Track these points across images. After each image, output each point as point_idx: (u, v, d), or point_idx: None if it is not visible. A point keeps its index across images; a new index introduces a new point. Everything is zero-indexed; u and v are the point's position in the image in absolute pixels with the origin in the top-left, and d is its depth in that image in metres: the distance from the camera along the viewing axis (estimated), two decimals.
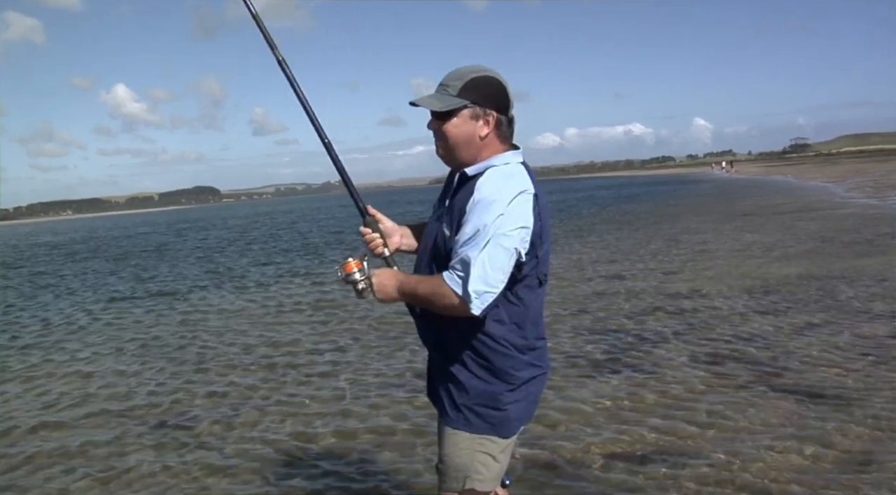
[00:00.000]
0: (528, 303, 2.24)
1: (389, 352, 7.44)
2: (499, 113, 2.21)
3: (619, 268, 12.32)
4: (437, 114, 2.22)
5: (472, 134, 2.20)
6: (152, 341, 9.15)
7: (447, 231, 2.20)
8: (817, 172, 53.57)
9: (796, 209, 22.25)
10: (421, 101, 2.22)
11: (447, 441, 2.32)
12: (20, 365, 8.31)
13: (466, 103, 2.18)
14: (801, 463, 4.09)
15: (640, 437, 4.64)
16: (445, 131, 2.22)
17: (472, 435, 2.27)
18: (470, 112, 2.19)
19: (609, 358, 6.58)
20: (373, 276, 2.29)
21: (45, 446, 5.33)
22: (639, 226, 20.69)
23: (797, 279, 9.84)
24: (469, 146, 2.22)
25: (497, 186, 2.11)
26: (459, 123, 2.20)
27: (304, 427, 5.37)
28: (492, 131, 2.21)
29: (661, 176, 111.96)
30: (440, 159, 2.31)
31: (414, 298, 2.22)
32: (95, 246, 35.55)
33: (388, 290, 2.26)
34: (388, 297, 2.27)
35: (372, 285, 2.28)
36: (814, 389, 5.28)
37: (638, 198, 41.34)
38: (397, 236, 2.53)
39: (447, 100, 2.19)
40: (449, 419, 2.32)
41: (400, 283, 2.24)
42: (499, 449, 2.30)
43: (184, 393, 6.49)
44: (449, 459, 2.32)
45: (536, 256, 2.18)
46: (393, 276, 2.28)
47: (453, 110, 2.19)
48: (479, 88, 2.18)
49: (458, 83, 2.18)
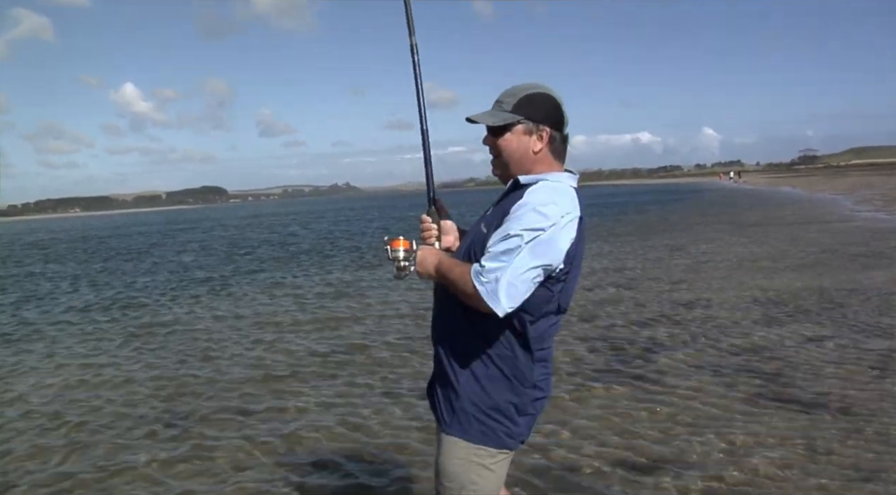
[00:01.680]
0: (545, 328, 2.24)
1: (393, 355, 7.45)
2: (552, 129, 2.23)
3: (626, 277, 12.31)
4: (492, 129, 2.26)
5: (525, 149, 2.23)
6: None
7: (485, 229, 2.21)
8: (825, 184, 53.41)
9: (804, 220, 22.20)
10: (476, 117, 2.27)
11: (444, 447, 2.30)
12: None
13: (520, 119, 2.21)
14: (805, 475, 4.08)
15: (643, 446, 4.64)
16: (500, 146, 2.26)
17: (468, 444, 2.25)
18: (523, 127, 2.22)
19: (613, 366, 6.58)
20: (419, 250, 2.35)
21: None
22: (646, 235, 20.64)
23: (804, 291, 9.82)
24: (523, 161, 2.25)
25: (546, 198, 2.11)
26: (513, 138, 2.23)
27: (310, 430, 5.39)
28: (545, 147, 2.24)
29: (668, 185, 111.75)
30: (497, 178, 2.35)
31: (447, 280, 2.22)
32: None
33: (428, 264, 2.29)
34: (425, 271, 2.30)
35: (415, 257, 2.33)
36: (819, 401, 5.27)
37: (645, 206, 41.25)
38: (452, 236, 2.54)
39: (501, 115, 2.23)
40: (446, 424, 2.30)
41: (440, 261, 2.27)
42: (496, 461, 2.27)
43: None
44: (443, 467, 2.29)
45: (565, 280, 2.19)
46: (435, 253, 2.33)
47: (507, 125, 2.23)
48: (532, 104, 2.22)
49: (513, 100, 2.23)
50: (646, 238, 19.76)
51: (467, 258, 2.25)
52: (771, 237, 17.57)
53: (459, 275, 2.15)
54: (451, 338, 2.31)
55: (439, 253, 2.34)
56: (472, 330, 2.22)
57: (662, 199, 49.57)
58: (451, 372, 2.29)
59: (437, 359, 2.39)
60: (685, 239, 18.72)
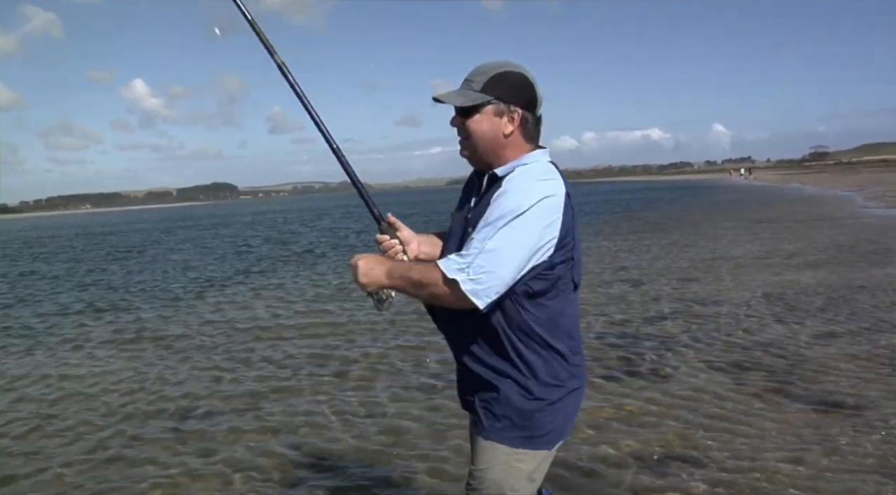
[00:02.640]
0: (564, 308, 2.14)
1: (406, 353, 7.46)
2: (525, 110, 2.10)
3: (637, 273, 12.29)
4: (460, 110, 2.12)
5: (496, 131, 2.09)
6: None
7: (471, 229, 2.07)
8: (836, 181, 53.11)
9: (815, 217, 22.08)
10: (443, 96, 2.13)
11: (482, 454, 2.18)
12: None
13: (490, 99, 2.07)
14: (816, 471, 4.07)
15: (654, 441, 4.65)
16: (468, 128, 2.11)
17: (509, 449, 2.14)
18: (494, 108, 2.08)
19: (625, 362, 6.58)
20: (359, 260, 2.14)
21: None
22: (656, 232, 20.60)
23: (815, 287, 9.78)
24: (493, 144, 2.11)
25: (526, 183, 2.01)
26: (482, 120, 2.09)
27: (321, 430, 5.41)
28: (517, 129, 2.10)
29: (678, 181, 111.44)
30: (465, 160, 2.21)
31: (407, 283, 2.07)
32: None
33: (376, 274, 2.11)
34: (375, 281, 2.12)
35: (356, 269, 2.13)
36: (830, 398, 5.25)
37: (655, 203, 41.13)
38: (415, 243, 2.39)
39: (470, 95, 2.09)
40: (485, 430, 2.17)
41: (390, 267, 2.13)
42: (536, 463, 2.18)
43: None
44: (483, 474, 2.18)
45: (572, 258, 2.08)
46: (380, 261, 2.16)
47: (476, 106, 2.08)
48: (504, 84, 2.07)
49: (483, 78, 2.08)
50: (655, 234, 19.71)
51: None
52: (781, 234, 17.49)
53: (422, 273, 2.03)
54: (470, 347, 2.18)
55: (383, 259, 2.20)
56: (489, 327, 2.09)
57: (672, 196, 49.40)
58: (480, 379, 2.17)
59: (462, 367, 2.26)
60: (695, 235, 18.66)
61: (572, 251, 2.07)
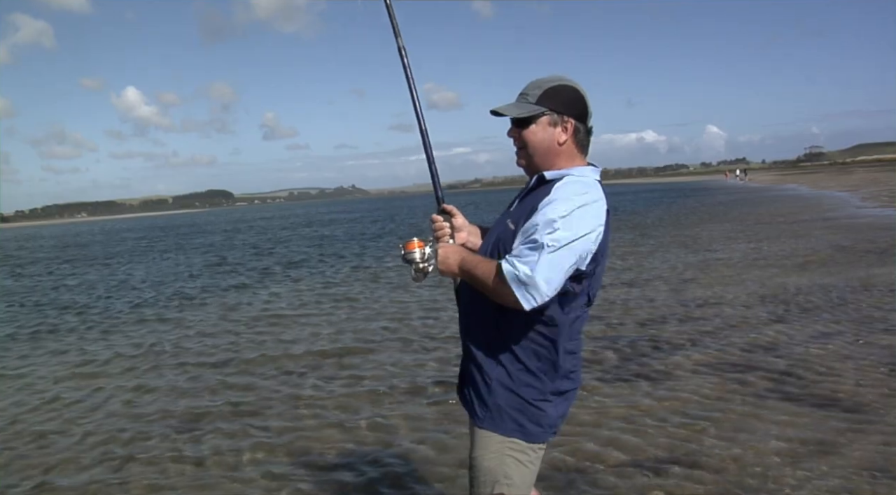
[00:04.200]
0: (575, 317, 2.25)
1: (413, 352, 7.44)
2: (577, 121, 2.25)
3: (634, 275, 12.29)
4: (517, 121, 2.27)
5: (550, 140, 2.25)
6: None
7: (512, 226, 2.21)
8: (832, 181, 53.26)
9: (811, 218, 22.12)
10: (501, 108, 2.27)
11: (477, 442, 2.30)
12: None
13: (545, 110, 2.23)
14: (816, 472, 4.07)
15: (653, 443, 4.65)
16: (525, 138, 2.27)
17: (502, 437, 2.25)
18: (548, 119, 2.23)
19: (624, 364, 6.58)
20: (439, 247, 2.33)
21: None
22: (653, 234, 20.61)
23: (813, 288, 9.78)
24: (548, 153, 2.26)
25: (573, 191, 2.13)
26: (538, 130, 2.24)
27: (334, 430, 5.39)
28: (570, 138, 2.25)
29: (674, 183, 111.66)
30: (521, 169, 2.35)
31: (471, 277, 2.22)
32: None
33: (451, 262, 2.28)
34: (448, 269, 2.29)
35: (436, 255, 2.31)
36: (829, 399, 5.25)
37: (651, 205, 41.18)
38: (465, 232, 2.55)
39: (526, 107, 2.25)
40: (478, 419, 2.30)
41: (462, 259, 2.26)
42: (529, 455, 2.27)
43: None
44: (478, 461, 2.29)
45: (594, 271, 2.20)
46: (457, 251, 2.31)
47: (532, 117, 2.24)
48: (557, 96, 2.23)
49: (537, 92, 2.24)
50: (653, 237, 19.73)
51: (493, 254, 2.25)
52: (778, 234, 17.52)
53: (485, 271, 2.16)
54: (480, 334, 2.31)
55: (461, 250, 2.33)
56: (501, 325, 2.22)
57: (668, 198, 49.46)
58: (482, 366, 2.29)
59: (466, 354, 2.39)
60: (692, 237, 18.68)
61: (597, 264, 2.19)
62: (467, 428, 2.39)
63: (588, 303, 2.29)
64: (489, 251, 2.29)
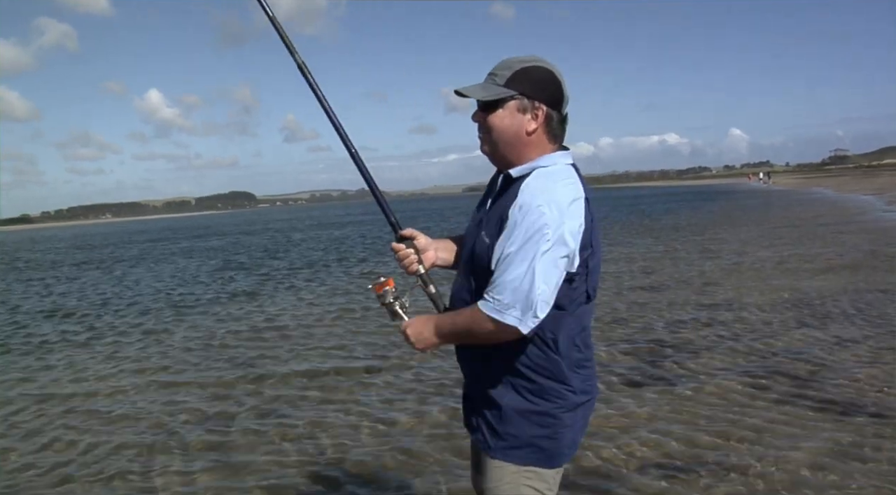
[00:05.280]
0: (577, 318, 2.04)
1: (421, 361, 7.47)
2: (549, 107, 2.00)
3: (657, 279, 12.23)
4: (482, 104, 2.03)
5: (518, 128, 2.00)
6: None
7: (487, 239, 2.00)
8: (857, 185, 52.62)
9: (836, 221, 21.88)
10: (465, 89, 2.04)
11: (490, 474, 2.10)
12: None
13: (514, 94, 1.98)
14: (839, 479, 4.04)
15: (674, 449, 4.63)
16: (490, 123, 2.03)
17: (517, 468, 2.05)
18: (517, 104, 1.99)
19: (646, 368, 6.56)
20: (406, 328, 2.14)
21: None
22: (676, 237, 20.48)
23: (838, 292, 9.68)
24: (515, 141, 2.02)
25: (543, 192, 1.90)
26: (505, 115, 2.00)
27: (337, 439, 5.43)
28: (540, 127, 2.00)
29: (697, 186, 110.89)
30: (485, 156, 2.12)
31: (455, 336, 2.06)
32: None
33: (426, 336, 2.09)
34: (428, 345, 2.11)
35: (407, 337, 2.13)
36: (854, 404, 5.20)
37: (674, 209, 40.87)
38: (432, 250, 2.33)
39: (493, 89, 2.00)
40: (490, 450, 2.09)
41: (435, 326, 2.08)
42: (547, 481, 2.09)
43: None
44: (493, 492, 2.09)
45: (587, 266, 1.98)
46: (426, 322, 2.12)
47: (499, 100, 1.99)
48: (528, 79, 1.98)
49: (507, 72, 1.99)
50: (675, 240, 19.59)
51: (470, 269, 2.09)
52: (802, 238, 17.35)
53: (467, 321, 1.98)
54: (479, 357, 2.10)
55: (428, 319, 2.12)
56: (501, 345, 2.00)
57: (691, 202, 49.11)
58: (488, 393, 2.09)
59: (470, 379, 2.21)
60: (715, 241, 18.53)
61: (588, 260, 1.98)
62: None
63: (588, 299, 2.05)
64: (465, 265, 2.13)
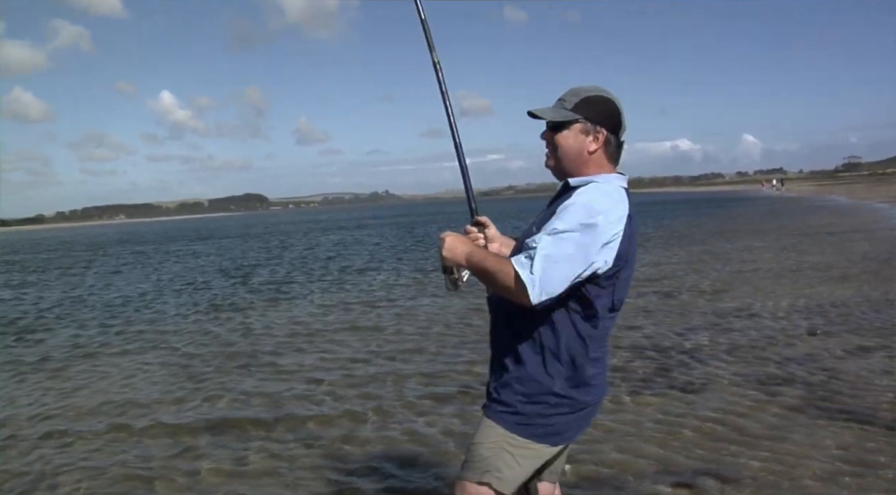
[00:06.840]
0: (598, 324, 2.29)
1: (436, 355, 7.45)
2: (609, 132, 2.30)
3: (668, 285, 12.17)
4: (551, 124, 2.34)
5: (580, 148, 2.31)
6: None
7: (535, 230, 2.24)
8: (870, 192, 52.31)
9: (849, 229, 21.73)
10: (538, 111, 2.34)
11: (480, 429, 2.36)
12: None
13: (579, 118, 2.29)
14: (854, 489, 3.98)
15: (685, 457, 4.58)
16: (556, 142, 2.33)
17: (504, 431, 2.30)
18: (581, 126, 2.30)
19: (658, 375, 6.51)
20: (447, 236, 2.35)
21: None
22: (689, 244, 20.39)
23: (851, 301, 9.59)
24: (577, 159, 2.32)
25: (593, 198, 2.18)
26: (570, 136, 2.31)
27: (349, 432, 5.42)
28: (600, 148, 2.31)
29: (709, 193, 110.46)
30: (549, 171, 2.41)
31: (479, 268, 2.24)
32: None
33: (458, 252, 2.30)
34: (454, 258, 2.31)
35: (443, 241, 2.33)
36: (868, 414, 5.14)
37: (686, 215, 40.73)
38: (497, 243, 2.60)
39: (562, 112, 2.31)
40: (489, 409, 2.37)
41: (471, 251, 2.29)
42: (528, 454, 2.31)
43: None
44: (476, 447, 2.34)
45: (618, 277, 2.24)
46: (466, 242, 2.34)
47: (566, 122, 2.30)
48: (592, 106, 2.29)
49: (574, 99, 2.30)
50: (688, 246, 19.53)
51: (516, 254, 2.26)
52: (815, 246, 17.24)
53: (495, 265, 2.18)
54: (504, 334, 2.36)
55: (471, 243, 2.36)
56: (523, 326, 2.28)
57: (703, 209, 48.90)
58: (504, 364, 2.34)
59: (493, 353, 2.44)
60: (728, 247, 18.46)
61: (620, 272, 2.23)
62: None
63: (612, 309, 2.31)
64: (513, 254, 2.30)
